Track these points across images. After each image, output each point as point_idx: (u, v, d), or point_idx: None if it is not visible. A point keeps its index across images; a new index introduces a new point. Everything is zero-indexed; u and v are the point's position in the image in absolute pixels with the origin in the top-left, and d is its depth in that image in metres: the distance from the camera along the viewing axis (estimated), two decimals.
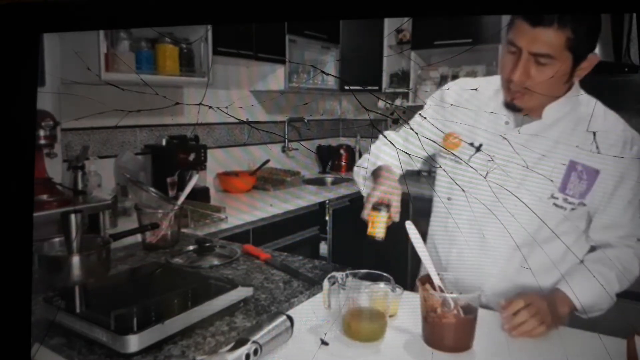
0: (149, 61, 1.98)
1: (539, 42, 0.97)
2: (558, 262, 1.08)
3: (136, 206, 1.55)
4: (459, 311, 0.93)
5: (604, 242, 1.07)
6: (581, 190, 1.04)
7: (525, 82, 1.00)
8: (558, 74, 0.99)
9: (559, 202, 1.05)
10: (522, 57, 0.99)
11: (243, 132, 2.63)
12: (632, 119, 1.09)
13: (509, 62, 1.02)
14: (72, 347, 0.90)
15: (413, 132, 1.16)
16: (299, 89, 2.71)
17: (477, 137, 1.11)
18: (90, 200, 1.65)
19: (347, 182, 2.76)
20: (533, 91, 1.01)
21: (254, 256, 1.39)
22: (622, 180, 1.03)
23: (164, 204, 1.54)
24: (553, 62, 0.99)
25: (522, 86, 1.01)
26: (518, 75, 1.00)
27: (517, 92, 1.03)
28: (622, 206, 1.04)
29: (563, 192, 1.05)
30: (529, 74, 1.00)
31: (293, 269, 1.27)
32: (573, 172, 1.04)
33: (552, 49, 0.97)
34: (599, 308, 1.04)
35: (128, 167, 2.02)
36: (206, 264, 1.35)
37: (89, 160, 1.87)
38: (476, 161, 1.10)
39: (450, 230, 1.16)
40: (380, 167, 1.15)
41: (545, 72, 0.99)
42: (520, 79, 1.00)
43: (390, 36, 2.90)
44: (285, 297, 1.12)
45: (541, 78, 1.00)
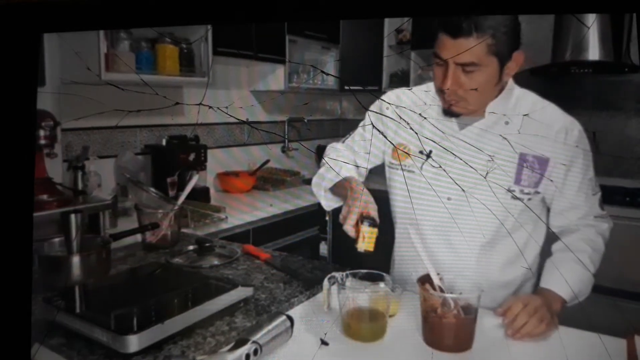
0: (149, 61, 1.98)
1: (462, 52, 1.00)
2: (523, 251, 1.13)
3: (136, 206, 1.55)
4: (459, 311, 0.93)
5: (566, 227, 1.12)
6: (535, 179, 1.08)
7: (458, 91, 1.04)
8: (487, 77, 1.03)
9: (517, 194, 1.09)
10: (449, 68, 1.02)
11: (243, 132, 2.63)
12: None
13: (439, 73, 1.05)
14: (72, 347, 0.90)
15: (357, 142, 1.20)
16: (299, 89, 2.71)
17: (424, 145, 1.13)
18: (90, 200, 1.65)
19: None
20: (466, 98, 1.05)
21: (254, 256, 1.39)
22: (571, 163, 1.08)
23: (164, 204, 1.54)
24: (480, 69, 1.02)
25: (456, 95, 1.05)
26: (449, 85, 1.03)
27: (452, 99, 1.06)
28: (575, 188, 1.09)
29: (519, 184, 1.09)
30: (460, 83, 1.03)
31: (293, 269, 1.28)
32: (524, 164, 1.08)
33: (475, 57, 1.01)
34: (584, 293, 1.08)
35: (128, 167, 2.02)
36: (206, 264, 1.35)
37: (89, 160, 1.87)
38: (428, 168, 1.12)
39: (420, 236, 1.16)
40: (347, 178, 1.14)
41: (474, 78, 1.03)
42: (452, 88, 1.04)
43: (390, 36, 2.90)
44: (285, 297, 1.12)
45: (472, 85, 1.03)
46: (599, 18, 2.20)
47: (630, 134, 2.34)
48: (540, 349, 0.96)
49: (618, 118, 2.37)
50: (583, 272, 1.06)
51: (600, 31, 2.24)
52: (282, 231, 2.24)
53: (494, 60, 1.02)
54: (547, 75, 2.35)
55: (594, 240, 1.09)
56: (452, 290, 0.97)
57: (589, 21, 2.27)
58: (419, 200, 1.15)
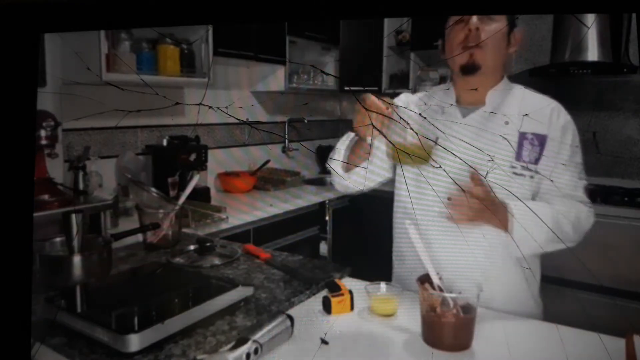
0: (150, 62, 1.99)
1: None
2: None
3: (137, 206, 1.55)
4: (459, 310, 0.93)
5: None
6: (535, 155, 1.14)
7: (480, 33, 1.12)
8: (500, 34, 1.12)
9: (518, 171, 1.14)
10: (470, 20, 1.11)
11: (243, 132, 2.63)
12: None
13: (459, 30, 1.13)
14: (73, 346, 0.90)
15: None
16: (298, 89, 2.71)
17: (431, 134, 1.16)
18: (92, 201, 1.65)
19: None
20: (484, 48, 1.12)
21: (254, 256, 1.39)
22: (562, 140, 1.15)
23: (164, 204, 1.55)
24: (495, 23, 1.12)
25: (477, 37, 1.12)
26: (473, 25, 1.11)
27: (472, 49, 1.12)
28: (563, 164, 1.15)
29: (520, 160, 1.14)
30: (479, 28, 1.12)
31: (293, 269, 1.28)
32: (525, 141, 1.15)
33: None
34: (530, 242, 1.09)
35: (129, 167, 2.02)
36: (207, 264, 1.35)
37: (90, 160, 1.88)
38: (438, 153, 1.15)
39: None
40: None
41: (492, 25, 1.12)
42: (474, 32, 1.11)
43: (390, 37, 2.91)
44: (285, 297, 1.13)
45: (490, 32, 1.12)
46: (598, 18, 2.21)
47: (630, 134, 2.34)
48: (540, 348, 0.96)
49: (617, 118, 2.37)
50: (548, 217, 1.08)
51: (599, 32, 2.25)
52: (282, 231, 2.25)
53: (504, 19, 1.12)
54: (546, 75, 2.35)
55: (571, 211, 1.12)
56: (451, 289, 0.98)
57: (588, 21, 2.28)
58: (420, 198, 1.17)
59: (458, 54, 1.14)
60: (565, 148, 1.14)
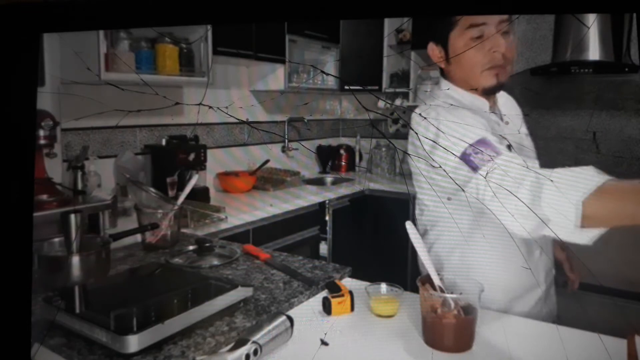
0: (149, 61, 1.98)
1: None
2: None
3: (136, 206, 1.55)
4: (459, 311, 0.93)
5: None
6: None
7: (506, 54, 1.09)
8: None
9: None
10: (496, 42, 1.08)
11: (243, 132, 2.63)
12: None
13: (501, 40, 1.07)
14: (72, 347, 0.90)
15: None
16: (299, 89, 2.70)
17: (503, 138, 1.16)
18: (90, 200, 1.65)
19: (347, 182, 2.75)
20: (508, 63, 1.10)
21: (253, 256, 1.39)
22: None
23: (163, 204, 1.54)
24: (510, 33, 1.10)
25: (503, 60, 1.10)
26: (500, 49, 1.08)
27: (503, 67, 1.10)
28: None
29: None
30: (506, 51, 1.09)
31: (293, 269, 1.27)
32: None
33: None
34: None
35: (128, 167, 2.02)
36: (206, 264, 1.35)
37: (89, 160, 1.87)
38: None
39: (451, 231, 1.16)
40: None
41: (509, 38, 1.09)
42: (499, 56, 1.09)
43: (390, 36, 2.90)
44: (285, 297, 1.12)
45: (511, 46, 1.10)
46: (599, 18, 2.21)
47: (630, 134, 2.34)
48: (540, 349, 0.96)
49: (618, 118, 2.37)
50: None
51: (600, 31, 2.24)
52: (282, 231, 2.24)
53: (512, 25, 1.09)
54: (547, 75, 2.35)
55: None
56: (452, 290, 0.97)
57: (589, 21, 2.27)
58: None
59: (483, 78, 1.10)
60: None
